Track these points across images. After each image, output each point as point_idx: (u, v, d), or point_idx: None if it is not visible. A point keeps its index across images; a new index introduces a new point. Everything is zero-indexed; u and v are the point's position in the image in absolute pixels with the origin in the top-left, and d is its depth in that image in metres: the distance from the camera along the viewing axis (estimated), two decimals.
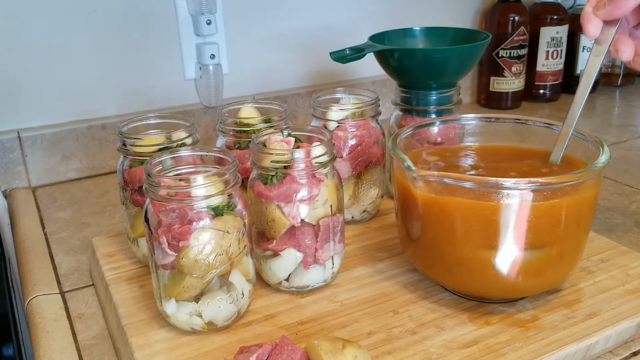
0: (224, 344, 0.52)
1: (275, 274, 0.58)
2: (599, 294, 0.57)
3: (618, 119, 1.20)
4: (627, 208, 0.81)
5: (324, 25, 1.12)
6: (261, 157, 0.55)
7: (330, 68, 1.15)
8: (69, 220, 0.83)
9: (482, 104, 1.32)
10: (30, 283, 0.67)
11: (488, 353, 0.50)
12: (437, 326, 0.54)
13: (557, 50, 1.27)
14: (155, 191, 0.49)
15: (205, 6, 0.95)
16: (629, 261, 0.62)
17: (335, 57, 0.73)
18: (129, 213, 0.64)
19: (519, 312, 0.55)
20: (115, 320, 0.57)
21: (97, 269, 0.66)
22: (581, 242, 0.55)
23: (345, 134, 0.69)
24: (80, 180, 0.96)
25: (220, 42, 1.01)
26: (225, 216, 0.50)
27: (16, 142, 0.91)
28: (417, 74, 0.73)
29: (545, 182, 0.48)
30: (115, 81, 0.97)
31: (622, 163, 0.97)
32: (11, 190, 0.92)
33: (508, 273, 0.52)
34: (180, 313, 0.52)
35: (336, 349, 0.44)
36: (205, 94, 1.02)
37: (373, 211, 0.75)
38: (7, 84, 0.90)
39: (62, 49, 0.92)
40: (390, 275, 0.62)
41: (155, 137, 0.61)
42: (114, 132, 0.96)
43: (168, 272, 0.52)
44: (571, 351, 0.50)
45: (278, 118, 0.67)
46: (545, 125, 0.62)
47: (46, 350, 0.56)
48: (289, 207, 0.55)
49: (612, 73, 1.41)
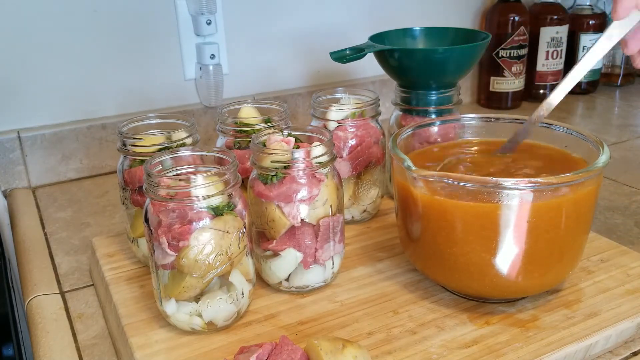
0: (224, 344, 0.52)
1: (275, 274, 0.58)
2: (599, 294, 0.57)
3: (618, 119, 1.20)
4: (627, 208, 0.81)
5: (324, 25, 1.12)
6: (261, 157, 0.55)
7: (330, 68, 1.15)
8: (69, 220, 0.83)
9: (482, 104, 1.32)
10: (30, 283, 0.67)
11: (488, 353, 0.50)
12: (437, 326, 0.54)
13: (557, 50, 1.27)
14: (155, 191, 0.49)
15: (205, 6, 0.95)
16: (629, 261, 0.62)
17: (335, 57, 0.73)
18: (129, 213, 0.64)
19: (519, 312, 0.55)
20: (115, 320, 0.57)
21: (97, 269, 0.66)
22: (581, 242, 0.55)
23: (345, 134, 0.69)
24: (80, 180, 0.96)
25: (220, 42, 1.01)
26: (225, 216, 0.50)
27: (16, 142, 0.91)
28: (417, 74, 0.73)
29: (545, 182, 0.48)
30: (115, 81, 0.97)
31: (622, 163, 0.97)
32: (11, 190, 0.92)
33: (508, 273, 0.52)
34: (180, 313, 0.52)
35: (336, 349, 0.44)
36: (205, 94, 1.02)
37: (373, 211, 0.75)
38: (7, 84, 0.90)
39: (62, 49, 0.92)
40: (390, 275, 0.62)
41: (155, 137, 0.61)
42: (114, 132, 0.96)
43: (168, 272, 0.52)
44: (571, 351, 0.50)
45: (278, 118, 0.67)
46: (545, 125, 0.62)
47: (46, 350, 0.56)
48: (289, 207, 0.55)
49: (612, 73, 1.41)
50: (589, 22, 1.29)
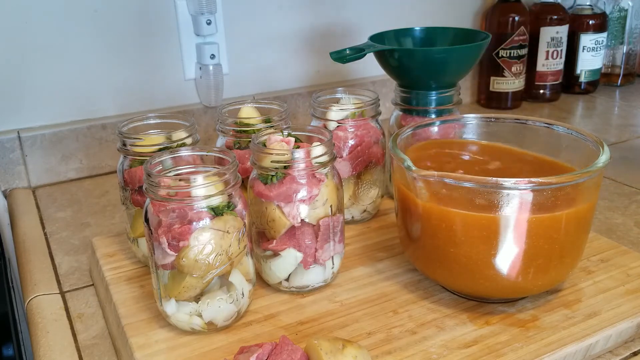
0: (224, 344, 0.52)
1: (275, 274, 0.58)
2: (599, 294, 0.57)
3: (618, 119, 1.20)
4: (627, 208, 0.81)
5: (324, 25, 1.12)
6: (261, 157, 0.55)
7: (330, 68, 1.15)
8: (69, 220, 0.83)
9: (482, 104, 1.32)
10: (30, 283, 0.67)
11: (488, 353, 0.50)
12: (437, 326, 0.53)
13: (557, 50, 1.27)
14: (155, 191, 0.49)
15: (205, 6, 0.95)
16: (629, 261, 0.62)
17: (335, 57, 0.73)
18: (129, 213, 0.64)
19: (519, 312, 0.55)
20: (115, 320, 0.57)
21: (97, 269, 0.66)
22: (581, 242, 0.55)
23: (345, 134, 0.69)
24: (80, 180, 0.96)
25: (220, 42, 1.01)
26: (225, 216, 0.50)
27: (16, 142, 0.91)
28: (417, 74, 0.73)
29: (545, 182, 0.48)
30: (115, 81, 0.97)
31: (622, 163, 0.97)
32: (11, 190, 0.92)
33: (508, 273, 0.52)
34: (180, 313, 0.52)
35: (336, 349, 0.44)
36: (205, 94, 1.02)
37: (373, 211, 0.75)
38: (7, 84, 0.90)
39: (62, 49, 0.92)
40: (390, 275, 0.62)
41: (155, 137, 0.61)
42: (114, 132, 0.96)
43: (168, 272, 0.52)
44: (571, 351, 0.50)
45: (278, 118, 0.67)
46: (545, 125, 0.62)
47: (46, 350, 0.56)
48: (289, 207, 0.55)
49: (612, 73, 1.41)
50: (589, 22, 1.29)
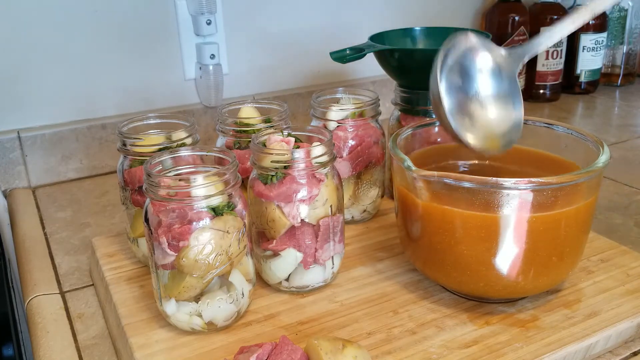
0: (224, 344, 0.52)
1: (275, 274, 0.58)
2: (599, 294, 0.57)
3: (618, 119, 1.20)
4: (627, 208, 0.81)
5: (324, 25, 1.12)
6: (261, 157, 0.55)
7: (330, 68, 1.15)
8: (69, 220, 0.83)
9: None
10: (30, 283, 0.67)
11: (488, 353, 0.50)
12: (437, 326, 0.53)
13: (557, 50, 1.27)
14: (155, 191, 0.49)
15: (205, 6, 0.95)
16: (629, 261, 0.62)
17: (335, 57, 0.73)
18: (129, 213, 0.64)
19: (519, 312, 0.55)
20: (115, 320, 0.57)
21: (97, 269, 0.66)
22: (581, 242, 0.55)
23: (345, 134, 0.69)
24: (80, 180, 0.96)
25: (220, 42, 1.01)
26: (225, 216, 0.50)
27: (16, 142, 0.91)
28: (417, 74, 0.73)
29: (545, 182, 0.48)
30: (115, 81, 0.97)
31: (622, 163, 0.97)
32: (11, 190, 0.92)
33: (508, 273, 0.52)
34: (180, 313, 0.52)
35: (336, 349, 0.44)
36: (205, 94, 1.02)
37: (373, 211, 0.75)
38: (7, 84, 0.90)
39: (62, 49, 0.92)
40: (390, 275, 0.62)
41: (155, 137, 0.61)
42: (114, 132, 0.96)
43: (168, 272, 0.52)
44: (571, 351, 0.50)
45: (278, 118, 0.67)
46: (545, 125, 0.62)
47: (46, 350, 0.56)
48: (289, 207, 0.55)
49: (612, 73, 1.41)
50: (589, 22, 1.29)
